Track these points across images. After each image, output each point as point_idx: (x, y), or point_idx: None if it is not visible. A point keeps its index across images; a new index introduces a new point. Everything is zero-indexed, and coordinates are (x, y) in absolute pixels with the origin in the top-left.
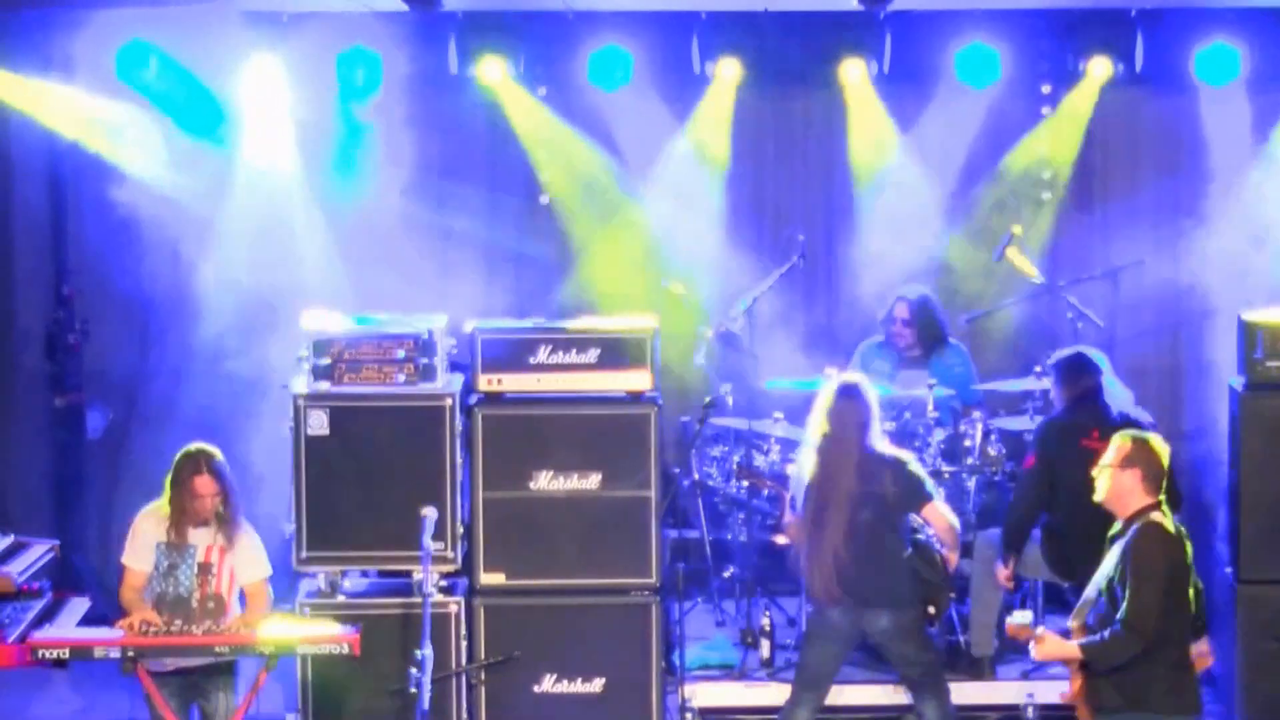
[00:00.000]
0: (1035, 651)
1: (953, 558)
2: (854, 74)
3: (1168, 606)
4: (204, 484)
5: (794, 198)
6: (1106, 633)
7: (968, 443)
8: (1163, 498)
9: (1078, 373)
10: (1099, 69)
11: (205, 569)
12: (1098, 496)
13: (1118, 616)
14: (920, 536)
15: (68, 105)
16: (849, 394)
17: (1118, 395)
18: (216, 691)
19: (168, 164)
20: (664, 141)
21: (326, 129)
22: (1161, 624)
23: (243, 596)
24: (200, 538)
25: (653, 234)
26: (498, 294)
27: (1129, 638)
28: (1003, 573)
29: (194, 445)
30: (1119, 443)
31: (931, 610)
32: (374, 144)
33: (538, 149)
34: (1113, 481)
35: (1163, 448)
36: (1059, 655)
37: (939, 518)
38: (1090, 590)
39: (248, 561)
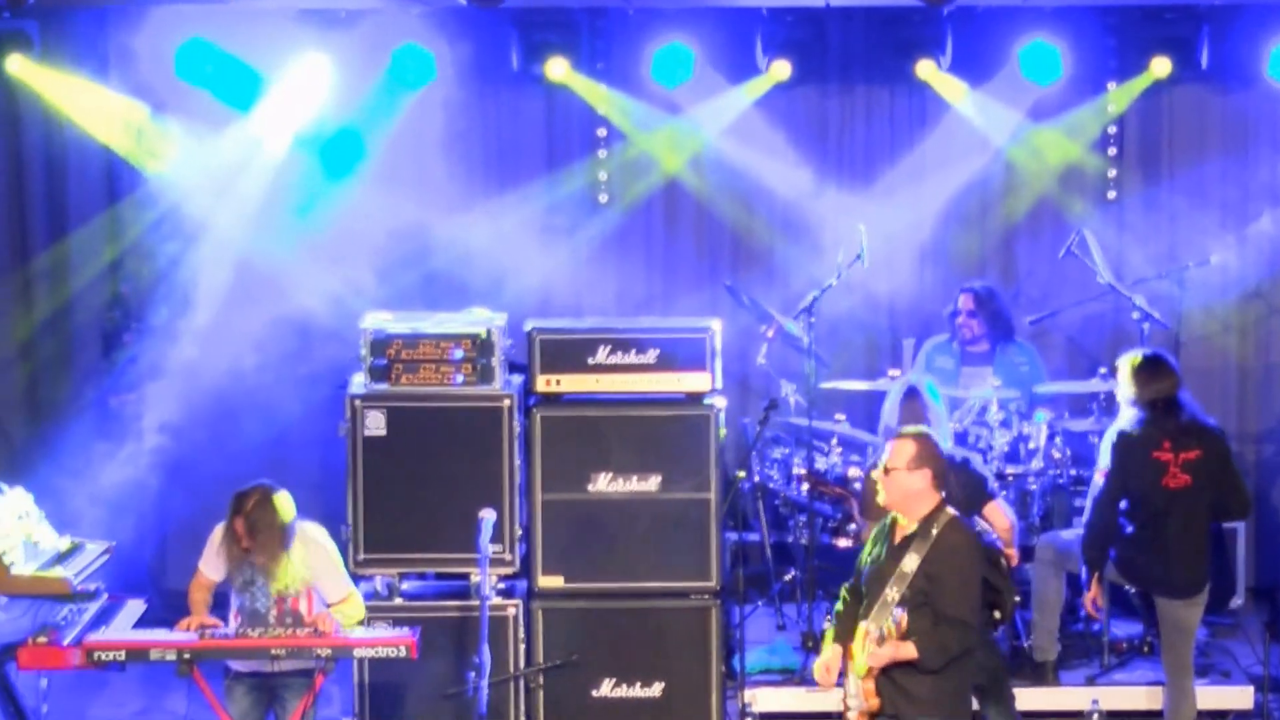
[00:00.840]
0: (870, 659)
1: (1013, 555)
2: (924, 69)
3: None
4: (239, 525)
5: (855, 193)
6: (935, 630)
7: (1032, 445)
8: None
9: (1152, 376)
10: (1161, 67)
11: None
12: (881, 499)
13: (949, 614)
14: (984, 539)
15: (119, 110)
16: (911, 395)
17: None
18: (291, 697)
19: (216, 163)
20: (722, 137)
21: (380, 125)
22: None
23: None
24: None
25: (712, 231)
26: (556, 293)
27: (964, 633)
28: (1089, 596)
29: (264, 483)
30: (902, 446)
31: (996, 615)
32: (427, 141)
33: (608, 141)
34: (902, 484)
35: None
36: (895, 657)
37: (999, 517)
38: (888, 593)
39: (330, 587)
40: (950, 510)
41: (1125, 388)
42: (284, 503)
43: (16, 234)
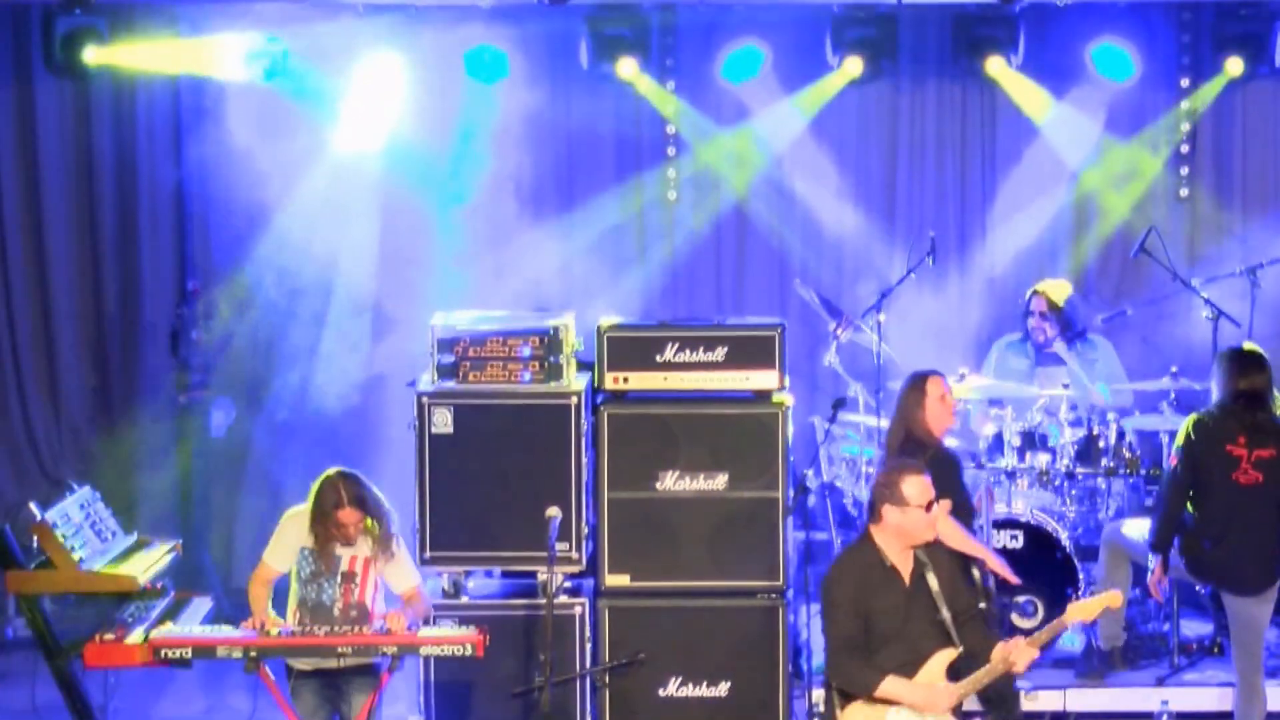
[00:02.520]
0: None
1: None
2: (996, 67)
3: None
4: (348, 515)
5: (926, 192)
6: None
7: (1101, 444)
8: None
9: (1246, 368)
10: (1235, 66)
11: (349, 578)
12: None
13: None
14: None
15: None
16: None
17: None
18: (356, 694)
19: (285, 160)
20: (790, 136)
21: (450, 124)
22: None
23: (398, 602)
24: (347, 549)
25: (781, 230)
26: (624, 291)
27: None
28: (1152, 579)
29: (333, 471)
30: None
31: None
32: (499, 139)
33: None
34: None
35: None
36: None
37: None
38: (943, 614)
39: (399, 574)
40: None
41: (1217, 376)
42: (366, 480)
43: (86, 230)
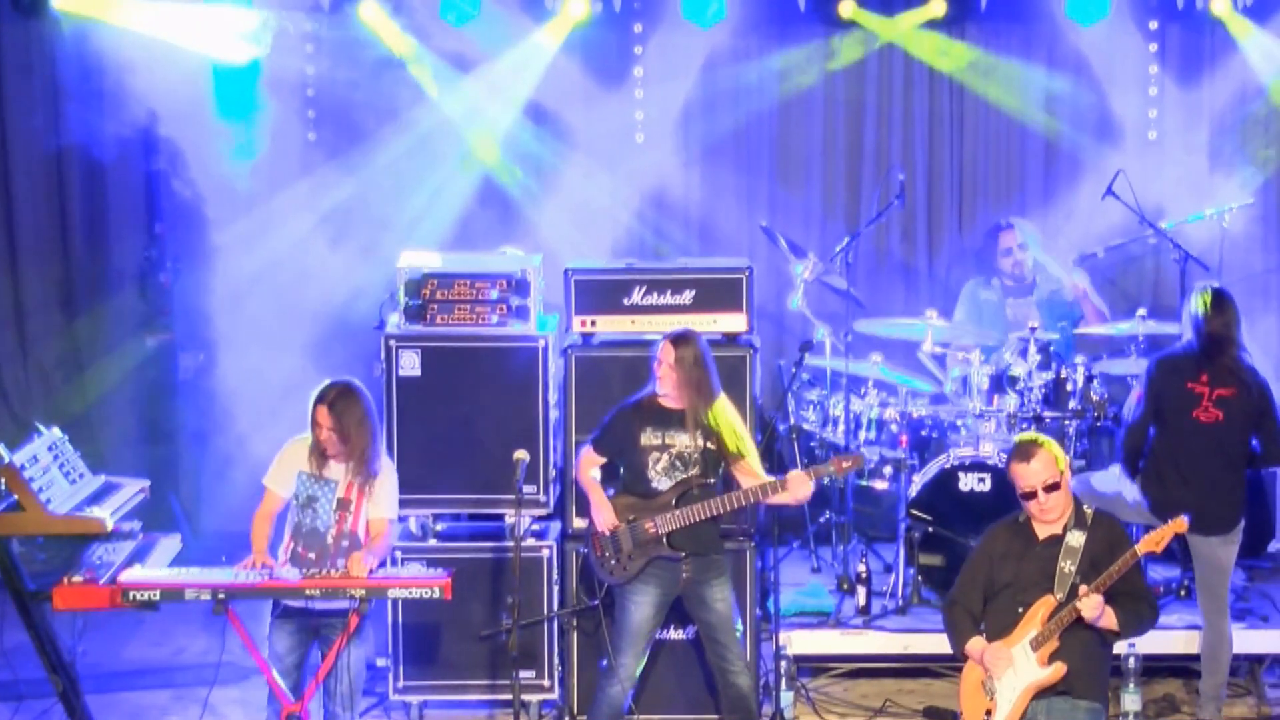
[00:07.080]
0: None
1: None
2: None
3: None
4: (320, 414)
5: (893, 138)
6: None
7: (1069, 387)
8: None
9: (1211, 310)
10: (1220, 6)
11: (344, 505)
12: (1054, 517)
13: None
14: None
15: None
16: None
17: None
18: (336, 636)
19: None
20: (756, 81)
21: (416, 62)
22: None
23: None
24: (341, 473)
25: (747, 174)
26: (591, 233)
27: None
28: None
29: (339, 378)
30: (1044, 456)
31: None
32: (463, 78)
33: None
34: (1066, 489)
35: None
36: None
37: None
38: (1062, 565)
39: (377, 501)
40: None
41: (1185, 317)
42: (365, 396)
43: (53, 172)
